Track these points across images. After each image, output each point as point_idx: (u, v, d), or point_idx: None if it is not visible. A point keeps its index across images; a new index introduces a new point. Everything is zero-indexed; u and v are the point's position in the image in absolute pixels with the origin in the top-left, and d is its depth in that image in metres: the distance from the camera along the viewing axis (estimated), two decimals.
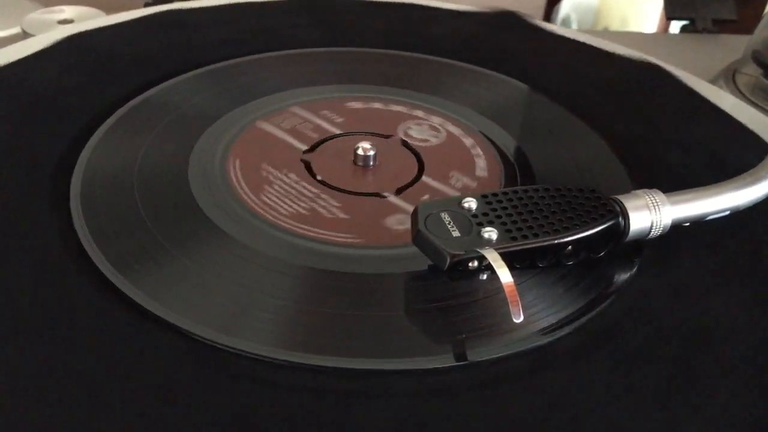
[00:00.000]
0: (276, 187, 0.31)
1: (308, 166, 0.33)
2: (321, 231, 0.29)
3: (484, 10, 0.51)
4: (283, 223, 0.29)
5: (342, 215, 0.30)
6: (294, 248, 0.28)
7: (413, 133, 0.36)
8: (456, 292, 0.26)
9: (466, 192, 0.32)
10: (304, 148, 0.34)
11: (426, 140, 0.36)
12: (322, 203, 0.31)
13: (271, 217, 0.29)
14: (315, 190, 0.31)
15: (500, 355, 0.24)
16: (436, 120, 0.38)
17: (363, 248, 0.28)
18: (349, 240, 0.29)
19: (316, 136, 0.35)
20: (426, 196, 0.32)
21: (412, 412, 0.22)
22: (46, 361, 0.22)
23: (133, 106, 0.36)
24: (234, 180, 0.31)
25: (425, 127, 0.37)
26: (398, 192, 0.32)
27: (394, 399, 0.22)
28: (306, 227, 0.29)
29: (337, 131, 0.36)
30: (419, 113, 0.38)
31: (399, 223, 0.30)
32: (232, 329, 0.24)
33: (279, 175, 0.32)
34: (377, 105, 0.39)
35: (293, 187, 0.31)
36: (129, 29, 0.44)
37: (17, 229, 0.28)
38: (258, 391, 0.22)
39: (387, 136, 0.36)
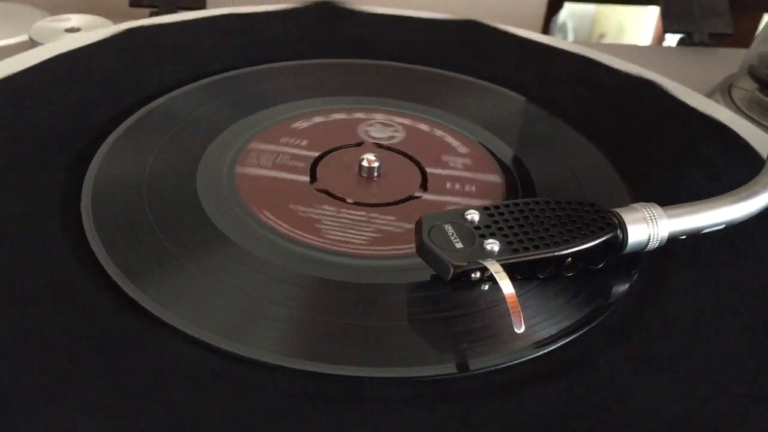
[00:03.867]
0: (328, 223, 0.31)
1: (329, 194, 0.33)
2: (407, 247, 0.30)
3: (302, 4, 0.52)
4: (372, 252, 0.29)
5: (408, 225, 0.31)
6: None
7: (375, 134, 0.38)
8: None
9: (468, 204, 0.31)
10: (306, 178, 0.34)
11: (392, 137, 0.38)
12: (381, 221, 0.31)
13: (359, 252, 0.29)
14: (361, 213, 0.32)
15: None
16: (380, 117, 0.39)
17: None
18: None
19: (302, 165, 0.35)
20: (448, 184, 0.34)
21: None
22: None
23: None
24: (286, 231, 0.30)
25: (379, 126, 0.38)
26: (423, 188, 0.34)
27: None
28: (393, 248, 0.30)
29: (315, 154, 0.36)
30: (361, 115, 0.39)
31: None
32: (376, 362, 0.24)
33: (318, 211, 0.31)
34: (318, 119, 0.39)
35: (341, 217, 0.31)
36: None
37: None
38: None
39: (359, 144, 0.37)
